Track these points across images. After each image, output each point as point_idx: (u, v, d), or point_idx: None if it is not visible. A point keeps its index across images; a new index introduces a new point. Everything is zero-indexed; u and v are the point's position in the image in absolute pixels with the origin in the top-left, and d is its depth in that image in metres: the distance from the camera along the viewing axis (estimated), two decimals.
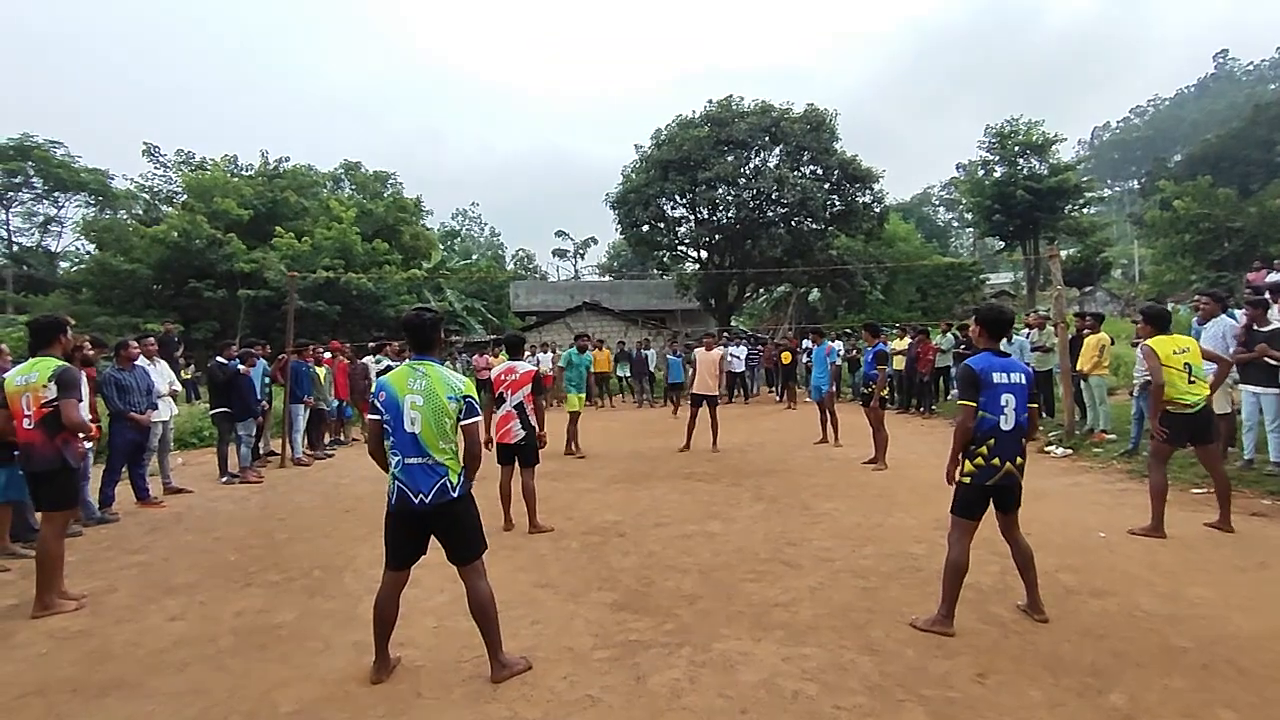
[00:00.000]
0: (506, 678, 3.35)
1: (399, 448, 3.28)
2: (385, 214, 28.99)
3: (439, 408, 3.27)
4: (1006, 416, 3.70)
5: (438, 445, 3.26)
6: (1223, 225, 25.08)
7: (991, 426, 3.71)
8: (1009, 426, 3.71)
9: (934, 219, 75.29)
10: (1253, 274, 14.34)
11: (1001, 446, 3.71)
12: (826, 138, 26.54)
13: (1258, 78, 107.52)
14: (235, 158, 30.98)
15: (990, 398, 3.71)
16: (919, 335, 14.71)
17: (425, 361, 3.40)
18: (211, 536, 6.31)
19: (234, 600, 4.62)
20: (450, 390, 3.31)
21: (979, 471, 3.74)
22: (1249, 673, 3.21)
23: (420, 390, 3.28)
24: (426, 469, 3.25)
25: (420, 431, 3.25)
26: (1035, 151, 30.81)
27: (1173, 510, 6.05)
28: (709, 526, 6.15)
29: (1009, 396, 3.71)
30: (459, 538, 3.37)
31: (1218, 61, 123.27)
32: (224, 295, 22.48)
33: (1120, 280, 45.57)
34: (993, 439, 3.71)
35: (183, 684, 3.45)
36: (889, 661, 3.45)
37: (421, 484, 3.24)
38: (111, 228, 25.67)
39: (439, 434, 3.26)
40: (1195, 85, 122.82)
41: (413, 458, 3.25)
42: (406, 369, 3.38)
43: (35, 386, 4.44)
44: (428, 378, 3.31)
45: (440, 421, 3.27)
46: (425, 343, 3.46)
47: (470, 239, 57.31)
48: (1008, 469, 3.73)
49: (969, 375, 3.77)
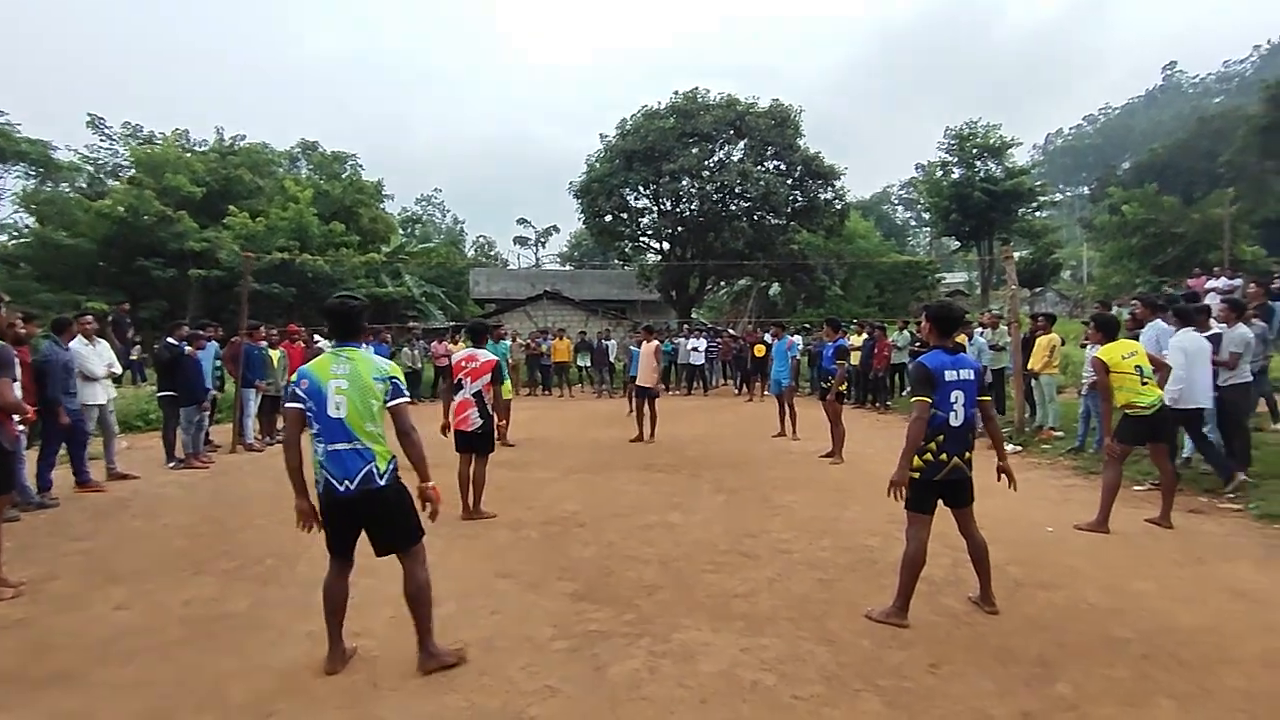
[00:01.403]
0: (434, 669, 3.29)
1: (323, 434, 3.18)
2: (343, 195, 28.31)
3: (365, 388, 3.20)
4: (956, 413, 3.78)
5: (364, 428, 3.17)
6: (1167, 231, 26.00)
7: (941, 423, 3.77)
8: (958, 423, 3.79)
9: (892, 217, 76.57)
10: (1193, 280, 14.96)
11: (950, 442, 3.78)
12: (790, 134, 26.76)
13: (1203, 91, 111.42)
14: (186, 132, 29.90)
15: (942, 395, 3.77)
16: (875, 331, 14.98)
17: (349, 348, 3.33)
18: (159, 523, 6.13)
19: (183, 589, 4.50)
20: (376, 371, 3.26)
21: (927, 467, 3.80)
22: (1188, 664, 3.35)
23: (345, 374, 3.21)
24: (353, 454, 3.16)
25: (346, 415, 3.17)
26: (992, 154, 31.48)
27: (1115, 507, 6.26)
28: (669, 517, 6.18)
29: (958, 393, 3.79)
30: (388, 526, 3.28)
31: (1166, 74, 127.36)
32: (173, 274, 21.72)
33: (1069, 282, 46.92)
34: (942, 435, 3.77)
35: (129, 675, 3.35)
36: (845, 652, 3.51)
37: (348, 469, 3.15)
38: (53, 200, 24.58)
39: (365, 416, 3.19)
40: (1144, 96, 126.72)
41: (338, 443, 3.16)
42: (330, 356, 3.31)
43: None
44: (352, 361, 3.25)
45: (367, 403, 3.19)
46: (350, 330, 3.40)
47: (431, 225, 56.37)
48: (955, 463, 3.80)
49: (923, 373, 3.82)
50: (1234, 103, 58.37)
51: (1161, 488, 5.83)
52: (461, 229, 63.27)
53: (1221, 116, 46.00)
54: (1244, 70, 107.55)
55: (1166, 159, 45.45)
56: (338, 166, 33.56)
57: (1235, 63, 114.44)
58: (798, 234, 27.92)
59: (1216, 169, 33.71)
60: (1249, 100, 42.76)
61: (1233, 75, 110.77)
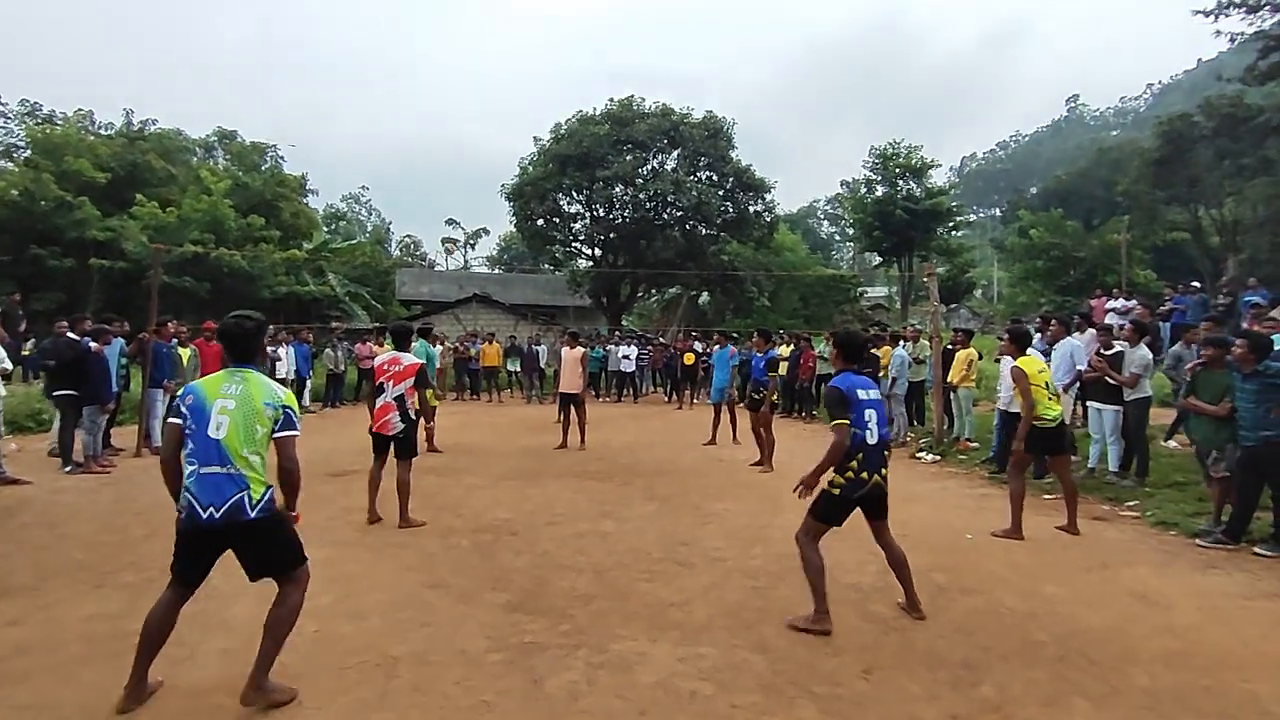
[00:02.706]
0: (260, 704, 2.97)
1: (196, 454, 2.93)
2: (263, 188, 27.11)
3: (253, 412, 2.99)
4: (871, 431, 3.91)
5: (241, 453, 2.93)
6: (1070, 254, 27.57)
7: (860, 441, 3.89)
8: (874, 441, 3.92)
9: (818, 231, 78.74)
10: (1094, 300, 15.91)
11: (869, 460, 3.90)
12: (724, 145, 27.22)
13: (1102, 124, 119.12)
14: (91, 114, 28.14)
15: (857, 414, 3.90)
16: (801, 343, 15.35)
17: (243, 370, 3.13)
18: (55, 532, 5.69)
19: (83, 603, 4.18)
20: (269, 397, 3.05)
21: (848, 484, 3.89)
22: (1099, 663, 3.53)
23: (234, 395, 3.01)
24: (225, 479, 2.91)
25: (225, 437, 2.94)
26: (913, 174, 32.73)
27: (1026, 514, 6.58)
28: (602, 525, 6.14)
29: (871, 412, 3.94)
30: (263, 555, 3.04)
31: (1069, 106, 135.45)
32: (72, 265, 20.35)
33: (981, 299, 49.27)
34: (861, 453, 3.88)
35: (24, 697, 3.08)
36: (780, 660, 3.55)
37: (214, 496, 2.89)
38: None
39: (245, 441, 2.96)
40: (1050, 126, 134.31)
41: (210, 466, 2.91)
42: (224, 374, 3.12)
43: None
44: (246, 383, 3.06)
45: (250, 427, 2.98)
46: (245, 353, 3.20)
47: (357, 223, 54.70)
48: (875, 480, 3.92)
49: (838, 395, 3.96)
50: (1129, 136, 62.54)
51: (1065, 496, 6.15)
52: (388, 228, 61.69)
53: (1119, 148, 49.12)
54: (1138, 106, 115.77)
55: (1070, 186, 48.27)
56: (257, 158, 32.19)
57: (1131, 99, 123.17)
58: (728, 244, 28.36)
59: (1114, 197, 35.92)
60: (1142, 134, 45.90)
61: (1129, 110, 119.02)
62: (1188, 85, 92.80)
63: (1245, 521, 5.59)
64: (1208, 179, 27.16)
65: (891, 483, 4.16)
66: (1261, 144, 24.22)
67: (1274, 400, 5.35)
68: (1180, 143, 26.87)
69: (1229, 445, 5.77)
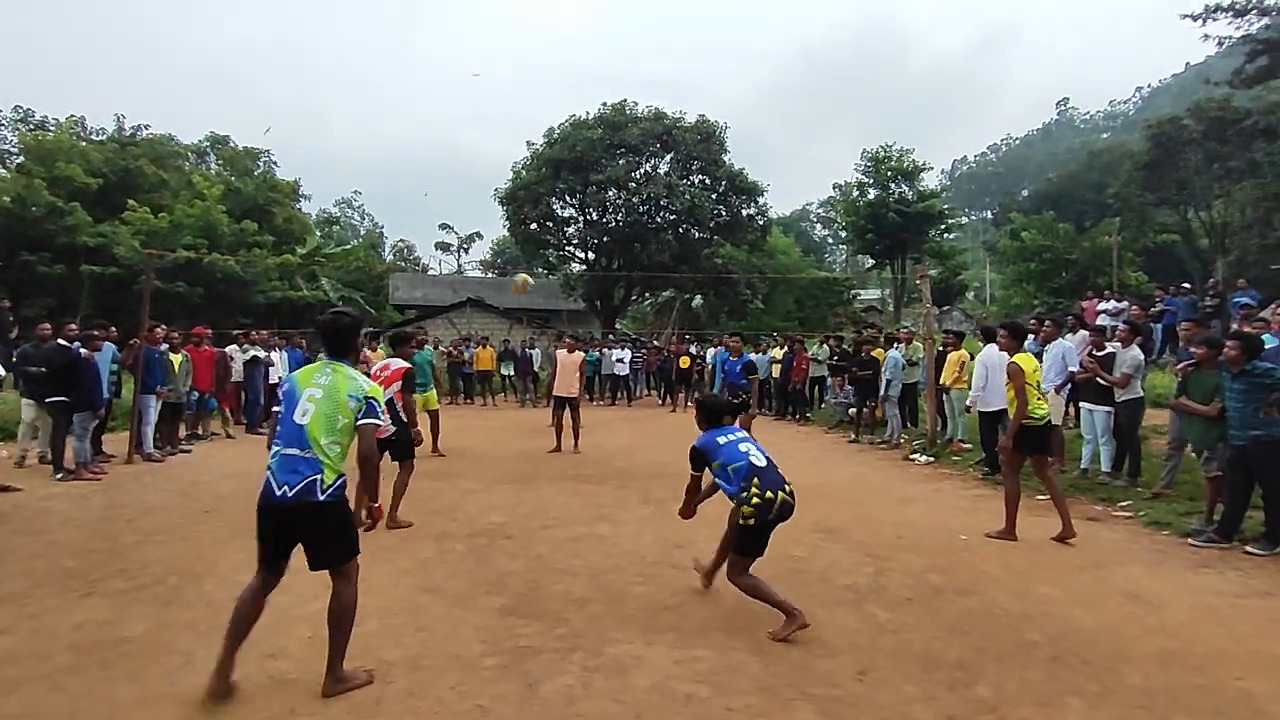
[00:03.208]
0: (340, 692, 3.15)
1: (281, 437, 3.15)
2: (256, 193, 27.07)
3: (336, 403, 3.17)
4: (755, 455, 3.97)
5: (320, 440, 3.11)
6: (1061, 256, 27.67)
7: (746, 467, 3.90)
8: (762, 463, 3.95)
9: (811, 234, 78.88)
10: (1086, 302, 15.98)
11: (766, 481, 3.88)
12: (716, 149, 27.32)
13: (1093, 126, 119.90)
14: (83, 119, 28.09)
15: (726, 452, 3.98)
16: (795, 345, 15.38)
17: (334, 363, 3.32)
18: (45, 539, 5.64)
19: (73, 611, 4.14)
20: (354, 390, 3.22)
21: (758, 510, 3.82)
22: (1092, 663, 3.54)
23: (322, 385, 3.21)
24: (302, 461, 3.09)
25: (308, 423, 3.13)
26: (905, 177, 32.88)
27: (1020, 515, 6.59)
28: (597, 529, 6.13)
29: (746, 445, 4.02)
30: (322, 541, 3.18)
31: (1060, 109, 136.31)
32: (62, 271, 20.23)
33: (973, 301, 49.41)
34: (755, 477, 3.87)
35: (13, 707, 3.05)
36: (776, 662, 3.55)
37: (289, 476, 3.08)
38: None
39: (326, 430, 3.13)
40: (1041, 129, 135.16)
41: (291, 448, 3.11)
42: (318, 365, 3.35)
43: None
44: (335, 374, 3.25)
45: (333, 417, 3.15)
46: (339, 347, 3.39)
47: (350, 228, 54.59)
48: (781, 498, 3.87)
49: (695, 454, 4.16)
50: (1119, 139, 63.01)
51: (1052, 501, 5.97)
52: (381, 233, 61.57)
53: (1109, 151, 49.44)
54: (1128, 110, 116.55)
55: (1061, 188, 48.48)
56: (250, 163, 32.13)
57: (1120, 102, 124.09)
58: (721, 248, 28.46)
59: (1105, 200, 36.12)
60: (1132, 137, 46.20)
61: (1118, 114, 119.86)
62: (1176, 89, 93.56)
63: (1237, 521, 5.61)
64: (1197, 182, 27.36)
65: (886, 484, 4.20)
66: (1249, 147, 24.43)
67: (1262, 400, 5.39)
68: (1169, 146, 27.08)
69: (1220, 445, 5.80)
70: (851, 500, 7.29)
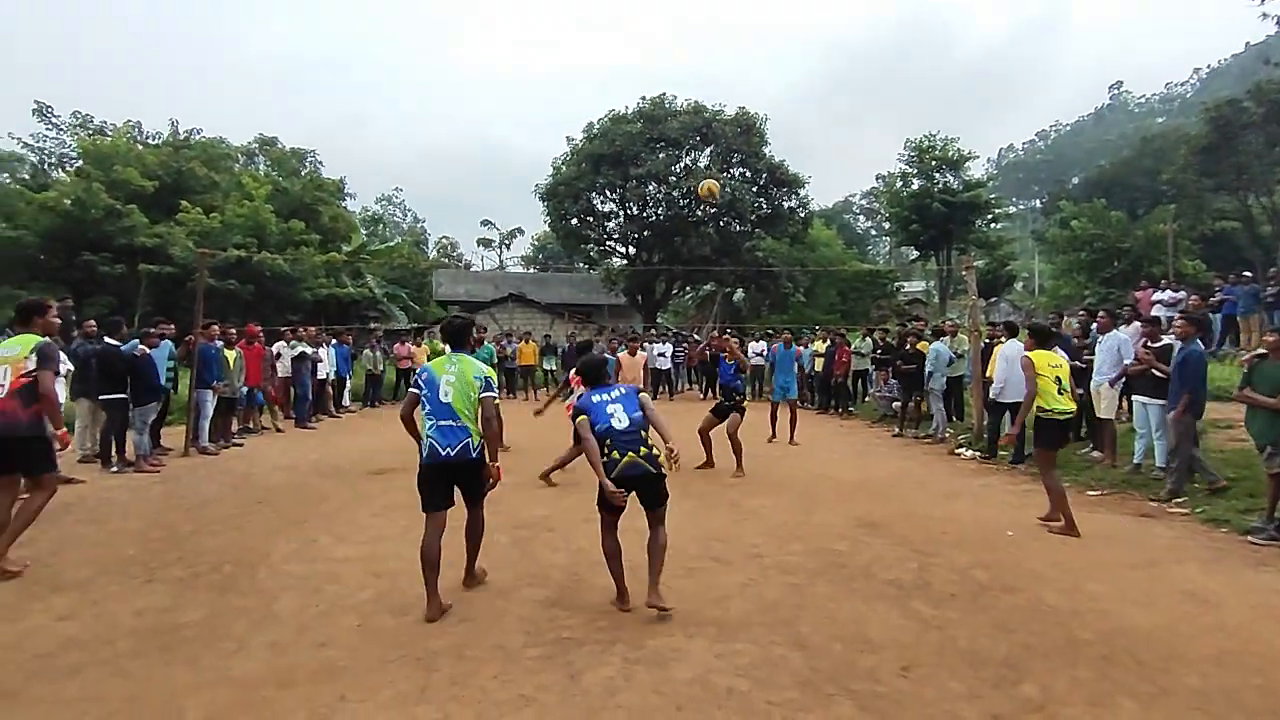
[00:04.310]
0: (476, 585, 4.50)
1: (434, 413, 4.16)
2: (302, 193, 27.65)
3: (467, 384, 4.21)
4: (617, 419, 4.19)
5: (464, 411, 4.16)
6: (1114, 246, 26.81)
7: (605, 428, 4.16)
8: (622, 425, 4.17)
9: (854, 226, 77.72)
10: (1139, 292, 15.45)
11: (617, 442, 4.12)
12: (756, 141, 27.03)
13: (1148, 110, 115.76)
14: (139, 124, 29.01)
15: (596, 412, 4.24)
16: (837, 339, 15.17)
17: (458, 354, 4.38)
18: (106, 529, 5.88)
19: (133, 598, 4.31)
20: (477, 373, 4.27)
21: (605, 466, 4.07)
22: (1146, 663, 3.44)
23: (453, 372, 4.25)
24: (458, 429, 4.13)
25: (452, 401, 4.16)
26: (950, 166, 32.17)
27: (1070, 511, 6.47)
28: (638, 523, 6.07)
29: (615, 407, 4.25)
30: (472, 485, 4.35)
31: (1113, 93, 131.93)
32: (122, 271, 20.97)
33: (1022, 293, 48.18)
34: (608, 438, 4.14)
35: (75, 690, 3.18)
36: (818, 657, 3.53)
37: (450, 440, 4.10)
38: None
39: (465, 404, 4.17)
40: (1092, 114, 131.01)
41: (446, 420, 4.14)
42: (445, 358, 4.40)
43: (17, 359, 4.76)
44: (460, 364, 4.29)
45: (466, 394, 4.19)
46: (459, 341, 4.50)
47: (392, 225, 55.50)
48: (629, 458, 4.07)
49: (575, 412, 4.41)
50: (1175, 123, 60.65)
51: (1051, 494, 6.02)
52: (423, 229, 62.47)
53: (1163, 136, 47.60)
54: (1185, 92, 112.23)
55: (1113, 175, 46.94)
56: (297, 163, 32.86)
57: (1177, 85, 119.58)
58: (762, 241, 28.20)
59: (1159, 186, 34.88)
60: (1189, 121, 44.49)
61: (1174, 96, 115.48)
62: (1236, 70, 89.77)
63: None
64: (1257, 166, 26.27)
65: (931, 479, 4.13)
66: None
67: None
68: (1228, 129, 26.04)
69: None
70: (895, 495, 7.19)
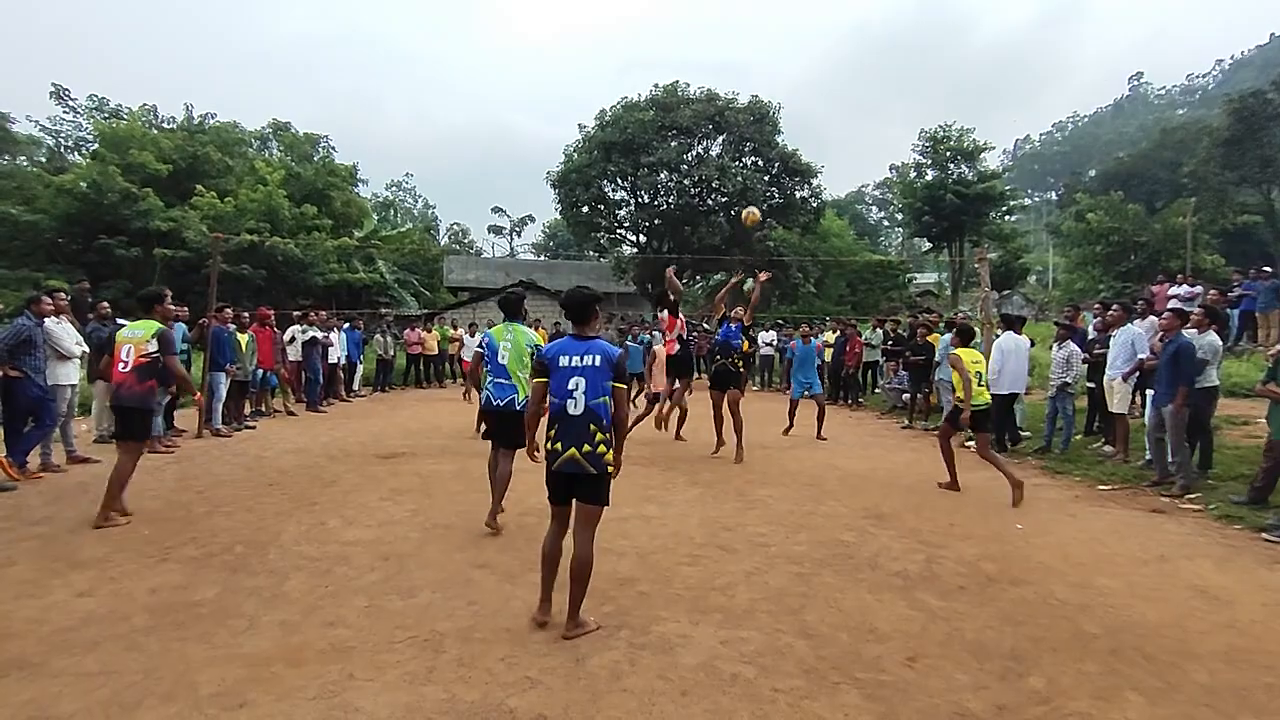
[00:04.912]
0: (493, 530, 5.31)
1: (492, 371, 5.37)
2: (315, 178, 27.75)
3: (520, 349, 5.34)
4: (575, 401, 3.57)
5: (516, 372, 5.31)
6: (1130, 239, 26.54)
7: (558, 410, 3.61)
8: (576, 411, 3.57)
9: (866, 217, 77.16)
10: (1156, 286, 15.30)
11: (563, 432, 3.58)
12: (769, 130, 26.87)
13: (1168, 102, 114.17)
14: (155, 108, 29.14)
15: (556, 381, 3.64)
16: (848, 330, 15.12)
17: (513, 324, 5.45)
18: None
19: (148, 576, 4.37)
20: (529, 340, 5.38)
21: (548, 455, 3.64)
22: (1153, 658, 3.43)
23: (509, 339, 5.36)
24: (507, 386, 5.31)
25: (507, 363, 5.31)
26: (965, 157, 31.84)
27: (1081, 505, 6.49)
28: (645, 510, 6.17)
29: (578, 380, 3.59)
30: (510, 432, 5.26)
31: (1132, 85, 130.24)
32: (137, 254, 21.13)
33: (1035, 286, 47.80)
34: (556, 425, 3.62)
35: (92, 664, 3.24)
36: (824, 645, 3.53)
37: (501, 394, 5.32)
38: (11, 175, 23.79)
39: (518, 365, 5.30)
40: (1111, 106, 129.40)
41: (500, 378, 5.34)
42: (502, 326, 5.49)
43: (139, 340, 5.57)
44: (514, 331, 5.40)
45: (520, 357, 5.32)
46: (513, 314, 5.54)
47: (403, 210, 55.58)
48: (570, 455, 3.55)
49: (537, 364, 3.80)
50: (1196, 115, 59.86)
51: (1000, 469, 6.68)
52: (434, 215, 62.52)
53: (1184, 128, 47.01)
54: (1206, 84, 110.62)
55: (1131, 168, 46.44)
56: (309, 149, 32.93)
57: (1198, 76, 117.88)
58: (774, 230, 28.08)
59: (1179, 179, 34.47)
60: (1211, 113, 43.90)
61: (1196, 88, 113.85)
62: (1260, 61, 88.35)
63: None
64: None
65: (939, 471, 4.10)
66: None
67: None
68: (1252, 121, 25.70)
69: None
70: (903, 486, 7.18)
